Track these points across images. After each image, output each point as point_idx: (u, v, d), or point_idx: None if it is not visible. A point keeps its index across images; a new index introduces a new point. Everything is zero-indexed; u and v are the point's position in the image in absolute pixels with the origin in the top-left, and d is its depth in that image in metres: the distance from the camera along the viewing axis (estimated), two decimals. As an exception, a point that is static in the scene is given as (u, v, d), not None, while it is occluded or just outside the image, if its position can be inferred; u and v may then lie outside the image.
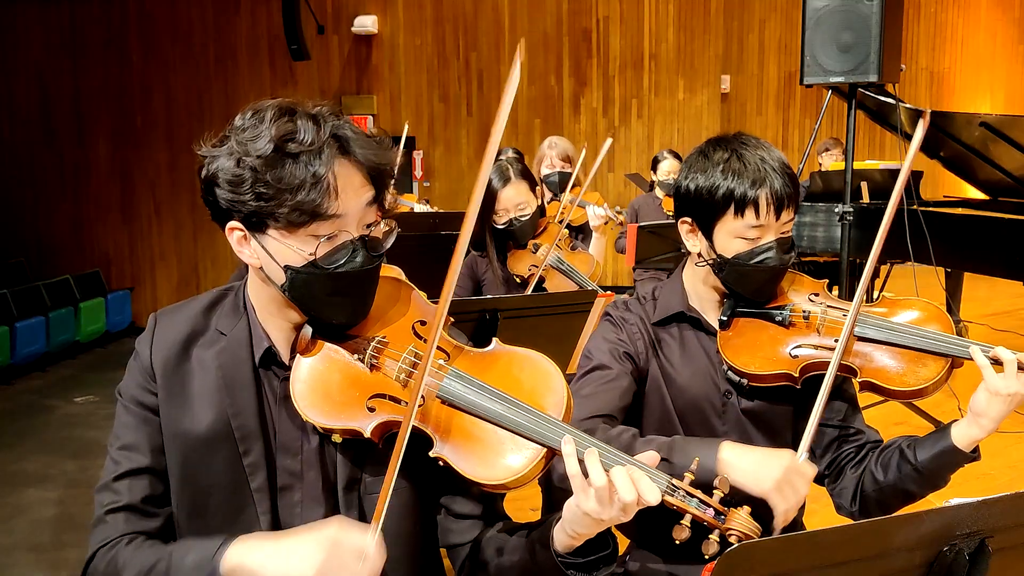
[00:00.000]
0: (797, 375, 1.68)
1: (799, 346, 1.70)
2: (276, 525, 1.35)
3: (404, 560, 1.38)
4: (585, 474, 1.18)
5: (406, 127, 5.66)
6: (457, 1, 9.24)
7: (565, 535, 1.25)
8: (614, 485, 1.16)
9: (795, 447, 1.81)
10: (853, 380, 1.70)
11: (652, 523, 1.58)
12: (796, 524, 1.85)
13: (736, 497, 1.29)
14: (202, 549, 1.25)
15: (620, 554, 2.01)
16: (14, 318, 7.08)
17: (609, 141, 3.75)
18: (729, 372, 1.74)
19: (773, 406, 1.77)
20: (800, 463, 1.51)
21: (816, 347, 1.69)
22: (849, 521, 1.75)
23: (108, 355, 7.94)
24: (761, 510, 1.44)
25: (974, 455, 1.63)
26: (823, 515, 1.86)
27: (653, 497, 1.16)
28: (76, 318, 7.71)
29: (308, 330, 1.35)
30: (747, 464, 1.50)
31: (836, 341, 1.63)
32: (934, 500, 1.46)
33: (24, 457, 5.10)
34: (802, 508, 1.89)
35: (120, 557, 1.31)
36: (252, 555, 1.21)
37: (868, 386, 1.67)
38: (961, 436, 1.61)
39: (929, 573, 1.08)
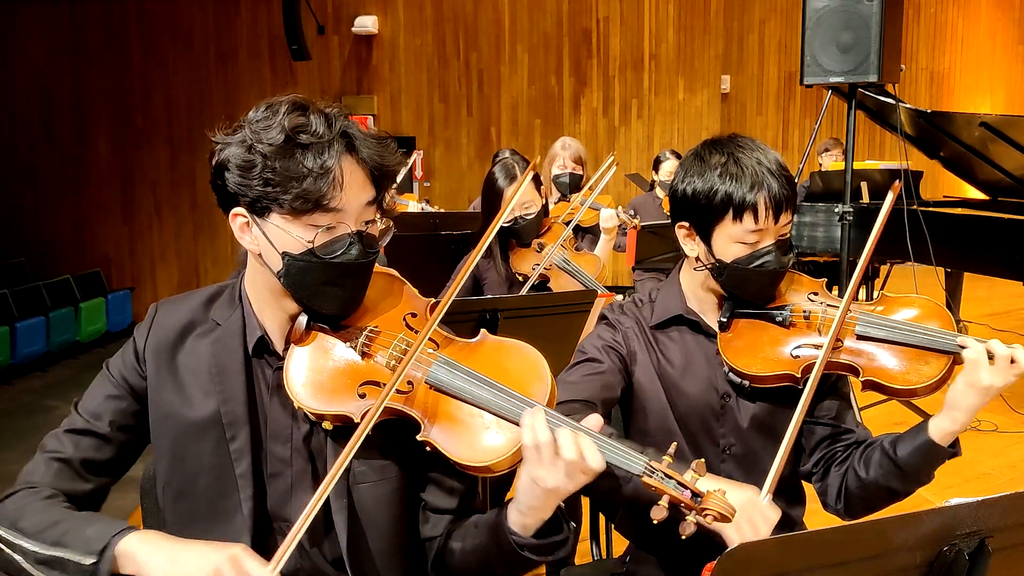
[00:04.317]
0: (799, 375, 1.67)
1: (800, 346, 1.69)
2: (261, 510, 1.38)
3: (393, 549, 1.41)
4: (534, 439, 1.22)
5: (413, 156, 5.63)
6: (457, 1, 9.24)
7: (519, 513, 1.29)
8: (558, 443, 1.21)
9: (794, 449, 1.82)
10: (856, 380, 1.70)
11: (651, 527, 1.58)
12: (796, 524, 1.85)
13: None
14: (104, 525, 1.27)
15: (618, 556, 2.02)
16: (14, 318, 7.08)
17: (611, 158, 3.85)
18: (730, 374, 1.73)
19: (773, 408, 1.76)
20: (764, 505, 1.50)
21: (817, 347, 1.68)
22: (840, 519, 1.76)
23: (109, 355, 7.79)
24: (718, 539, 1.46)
25: (953, 450, 1.63)
26: (823, 515, 1.85)
27: (595, 460, 1.21)
28: (77, 318, 7.71)
29: (303, 320, 1.39)
30: None
31: (837, 340, 1.63)
32: (934, 500, 1.46)
33: (24, 457, 5.06)
34: (803, 508, 1.89)
35: (29, 507, 1.32)
36: (145, 549, 1.23)
37: (871, 385, 1.66)
38: (936, 430, 1.61)
39: (929, 573, 1.08)
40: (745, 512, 1.45)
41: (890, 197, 1.68)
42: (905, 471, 1.64)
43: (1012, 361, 1.55)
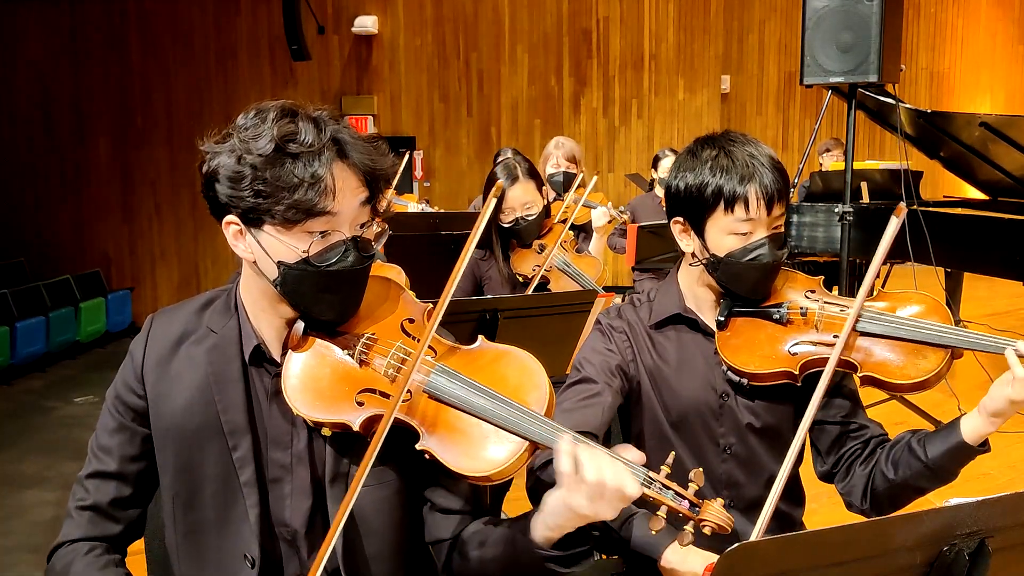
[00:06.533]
0: (797, 372, 1.68)
1: (798, 343, 1.70)
2: (265, 518, 1.38)
3: (390, 553, 1.40)
4: (575, 469, 1.19)
5: (406, 155, 5.60)
6: (457, 1, 9.24)
7: (546, 528, 1.26)
8: (604, 474, 1.18)
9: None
10: (854, 376, 1.70)
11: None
12: (796, 524, 1.85)
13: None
14: None
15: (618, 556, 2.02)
16: (14, 318, 7.08)
17: (595, 178, 3.95)
18: (729, 373, 1.73)
19: (772, 407, 1.76)
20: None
21: (815, 343, 1.68)
22: (855, 519, 1.75)
23: (108, 355, 7.94)
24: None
25: (984, 448, 1.64)
26: (823, 515, 1.86)
27: (633, 489, 1.19)
28: (76, 318, 7.71)
29: (300, 326, 1.38)
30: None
31: (835, 337, 1.63)
32: (934, 500, 1.46)
33: (23, 458, 5.10)
34: (803, 508, 1.89)
35: (75, 567, 1.40)
36: None
37: (869, 380, 1.66)
38: (971, 431, 1.61)
39: (929, 573, 1.08)
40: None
41: (894, 222, 1.67)
42: (935, 471, 1.65)
43: None
